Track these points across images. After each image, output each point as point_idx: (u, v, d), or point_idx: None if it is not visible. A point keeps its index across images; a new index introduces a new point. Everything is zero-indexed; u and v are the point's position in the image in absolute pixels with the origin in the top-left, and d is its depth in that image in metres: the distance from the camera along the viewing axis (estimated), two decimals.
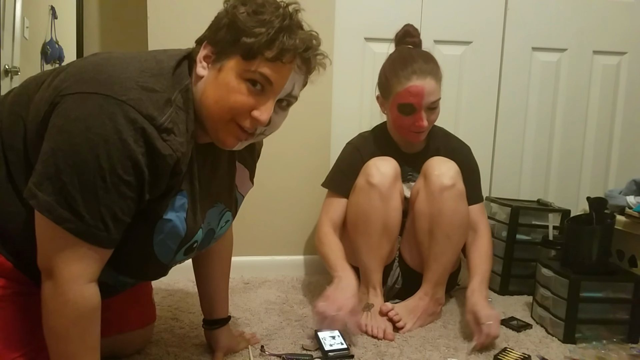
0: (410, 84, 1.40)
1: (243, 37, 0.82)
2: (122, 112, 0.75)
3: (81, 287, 0.78)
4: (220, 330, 1.19)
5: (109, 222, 0.77)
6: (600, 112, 2.02)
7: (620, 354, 1.27)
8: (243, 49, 0.82)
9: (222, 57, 0.84)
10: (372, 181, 1.38)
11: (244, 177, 1.10)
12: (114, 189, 0.76)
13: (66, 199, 0.75)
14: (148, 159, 0.78)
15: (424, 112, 1.42)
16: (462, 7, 1.87)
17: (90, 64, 0.81)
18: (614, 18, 1.96)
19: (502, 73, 1.94)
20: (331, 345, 1.21)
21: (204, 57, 0.86)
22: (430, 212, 1.39)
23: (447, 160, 1.43)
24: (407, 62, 1.43)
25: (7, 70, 1.83)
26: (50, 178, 0.75)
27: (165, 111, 0.79)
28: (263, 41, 0.81)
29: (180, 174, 0.84)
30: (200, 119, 0.88)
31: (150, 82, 0.79)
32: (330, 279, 1.36)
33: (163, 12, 1.61)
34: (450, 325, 1.43)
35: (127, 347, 1.15)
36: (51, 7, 2.07)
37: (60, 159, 0.74)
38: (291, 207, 1.83)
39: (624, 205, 1.47)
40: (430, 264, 1.42)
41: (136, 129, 0.75)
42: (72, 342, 0.80)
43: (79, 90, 0.77)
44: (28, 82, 0.90)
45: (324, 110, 1.79)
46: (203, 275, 1.19)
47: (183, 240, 0.90)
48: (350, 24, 1.81)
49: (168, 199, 0.85)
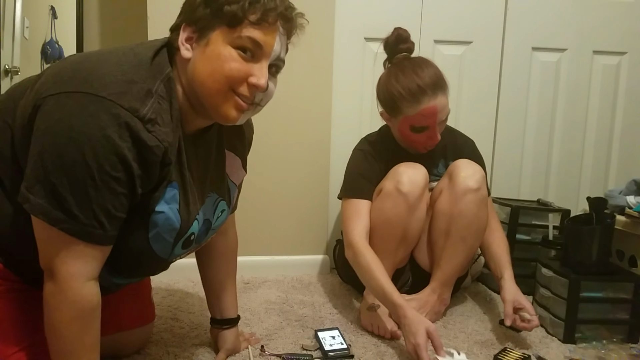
0: (423, 107, 1.36)
1: (225, 6, 0.81)
2: (104, 108, 0.74)
3: (80, 285, 0.79)
4: (230, 331, 1.19)
5: (103, 219, 0.77)
6: (600, 112, 2.02)
7: (620, 354, 1.27)
8: (227, 17, 0.81)
9: (206, 32, 0.83)
10: (402, 189, 1.35)
11: (235, 165, 1.08)
12: (104, 186, 0.76)
13: (58, 200, 0.75)
14: (135, 153, 0.77)
15: (437, 127, 1.41)
16: (462, 7, 1.87)
17: (69, 63, 0.81)
18: (614, 18, 1.96)
19: (502, 73, 1.94)
20: (331, 345, 1.21)
21: (186, 39, 0.85)
22: (451, 213, 1.38)
23: (474, 164, 1.42)
24: (413, 81, 1.36)
25: (7, 70, 1.83)
26: (40, 181, 0.75)
27: (147, 102, 0.78)
28: (247, 5, 0.81)
29: (169, 164, 0.84)
30: (196, 101, 0.87)
31: (129, 75, 0.78)
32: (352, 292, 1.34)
33: (163, 12, 1.61)
34: (450, 325, 1.43)
35: (126, 346, 1.15)
36: (51, 7, 2.07)
37: (48, 160, 0.75)
38: (291, 207, 1.83)
39: (624, 205, 1.47)
40: (442, 263, 1.42)
41: (120, 124, 0.75)
42: (71, 340, 0.80)
43: (59, 90, 0.76)
44: (14, 89, 0.90)
45: (324, 110, 1.79)
46: (208, 275, 1.19)
47: (179, 232, 0.90)
48: (350, 24, 1.81)
49: (159, 191, 0.85)
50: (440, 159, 1.56)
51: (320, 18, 1.72)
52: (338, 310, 1.51)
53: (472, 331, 1.39)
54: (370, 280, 1.31)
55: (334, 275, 1.82)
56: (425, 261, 1.50)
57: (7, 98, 0.89)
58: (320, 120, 1.80)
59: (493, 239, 1.49)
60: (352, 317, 1.45)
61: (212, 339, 1.23)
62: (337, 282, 1.76)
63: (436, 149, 1.53)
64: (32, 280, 0.90)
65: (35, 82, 0.82)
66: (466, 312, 1.53)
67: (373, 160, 1.50)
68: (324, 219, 1.86)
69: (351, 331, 1.36)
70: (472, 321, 1.46)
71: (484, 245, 1.50)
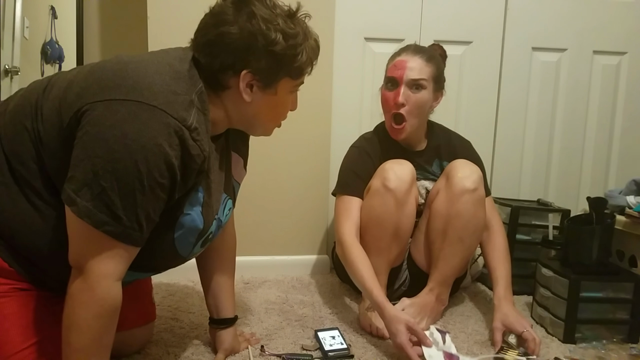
0: (398, 58, 1.46)
1: (290, 64, 0.93)
2: (156, 117, 0.79)
3: (110, 284, 0.82)
4: (227, 331, 1.19)
5: (143, 222, 0.81)
6: (600, 112, 2.02)
7: (620, 354, 1.28)
8: (292, 72, 0.94)
9: (272, 81, 0.93)
10: (389, 185, 1.36)
11: (239, 166, 1.13)
12: (150, 191, 0.80)
13: (105, 203, 0.78)
14: (180, 161, 0.82)
15: (404, 87, 1.42)
16: (462, 7, 1.87)
17: (109, 70, 0.84)
18: (614, 18, 1.96)
19: (502, 73, 1.94)
20: (331, 345, 1.21)
21: (247, 84, 0.91)
22: (448, 213, 1.38)
23: (472, 165, 1.42)
24: (406, 45, 1.51)
25: (7, 70, 1.83)
26: (88, 184, 0.78)
27: (191, 112, 0.84)
28: (306, 63, 0.95)
29: (204, 171, 0.90)
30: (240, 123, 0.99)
31: (172, 86, 0.83)
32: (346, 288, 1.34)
33: (163, 12, 1.61)
34: (450, 326, 1.43)
35: (126, 345, 1.15)
36: (51, 7, 2.07)
37: (99, 165, 0.77)
38: (291, 207, 1.83)
39: (624, 205, 1.47)
40: (439, 264, 1.41)
41: (170, 133, 0.79)
42: (90, 337, 0.82)
43: (108, 97, 0.80)
44: (28, 93, 0.92)
45: (324, 110, 1.79)
46: (206, 274, 1.20)
47: (201, 232, 0.95)
48: (350, 24, 1.81)
49: (190, 195, 0.90)
50: (434, 159, 1.57)
51: (320, 18, 1.71)
52: (338, 310, 1.51)
53: (472, 331, 1.39)
54: (356, 276, 1.33)
55: (334, 275, 1.82)
56: (423, 261, 1.50)
57: (23, 101, 0.91)
58: (320, 121, 1.79)
59: (492, 246, 1.48)
60: (352, 317, 1.45)
61: (211, 339, 1.23)
62: (337, 282, 1.76)
63: (431, 148, 1.55)
64: (38, 280, 0.92)
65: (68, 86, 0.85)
66: (466, 312, 1.53)
67: (367, 157, 1.51)
68: (324, 219, 1.86)
69: (351, 331, 1.36)
70: (472, 321, 1.46)
71: (483, 253, 1.50)
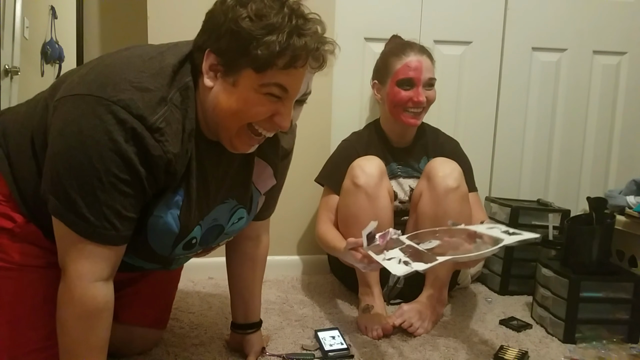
0: (409, 59, 1.48)
1: (252, 49, 0.77)
2: (112, 113, 0.76)
3: (86, 285, 0.80)
4: (256, 334, 1.19)
5: (114, 220, 0.79)
6: (600, 112, 2.02)
7: (620, 354, 1.27)
8: (254, 61, 0.78)
9: (233, 69, 0.80)
10: (358, 182, 1.38)
11: (264, 174, 1.05)
12: (112, 188, 0.77)
13: (70, 203, 0.77)
14: (142, 158, 0.78)
15: (422, 88, 1.47)
16: (462, 7, 1.87)
17: (101, 65, 0.83)
18: (614, 18, 1.96)
19: (502, 73, 1.94)
20: (331, 345, 1.21)
21: (210, 67, 0.82)
22: (435, 214, 1.38)
23: (450, 161, 1.43)
24: (405, 44, 1.54)
25: (7, 70, 1.83)
26: (54, 183, 0.78)
27: (158, 110, 0.79)
28: (276, 51, 0.77)
29: (174, 173, 0.84)
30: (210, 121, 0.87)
31: (145, 82, 0.79)
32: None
33: (163, 12, 1.61)
34: (450, 326, 1.43)
35: (132, 343, 1.14)
36: (51, 7, 2.07)
37: (59, 163, 0.77)
38: (291, 207, 1.82)
39: (624, 205, 1.47)
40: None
41: (126, 130, 0.76)
42: (76, 339, 0.81)
43: (77, 92, 0.79)
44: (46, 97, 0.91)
45: (324, 110, 1.79)
46: (237, 279, 1.19)
47: (178, 236, 0.90)
48: (350, 24, 1.81)
49: (163, 197, 0.86)
50: (422, 156, 1.59)
51: None
52: (338, 310, 1.51)
53: (472, 331, 1.39)
54: (328, 245, 1.41)
55: (334, 275, 1.82)
56: None
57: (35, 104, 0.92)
58: (320, 121, 1.79)
59: None
60: (352, 317, 1.45)
61: (233, 344, 1.21)
62: (337, 282, 1.76)
63: (417, 145, 1.58)
64: None
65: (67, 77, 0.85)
66: (466, 312, 1.53)
67: (354, 151, 1.53)
68: None
69: (351, 331, 1.36)
70: (472, 321, 1.46)
71: None
